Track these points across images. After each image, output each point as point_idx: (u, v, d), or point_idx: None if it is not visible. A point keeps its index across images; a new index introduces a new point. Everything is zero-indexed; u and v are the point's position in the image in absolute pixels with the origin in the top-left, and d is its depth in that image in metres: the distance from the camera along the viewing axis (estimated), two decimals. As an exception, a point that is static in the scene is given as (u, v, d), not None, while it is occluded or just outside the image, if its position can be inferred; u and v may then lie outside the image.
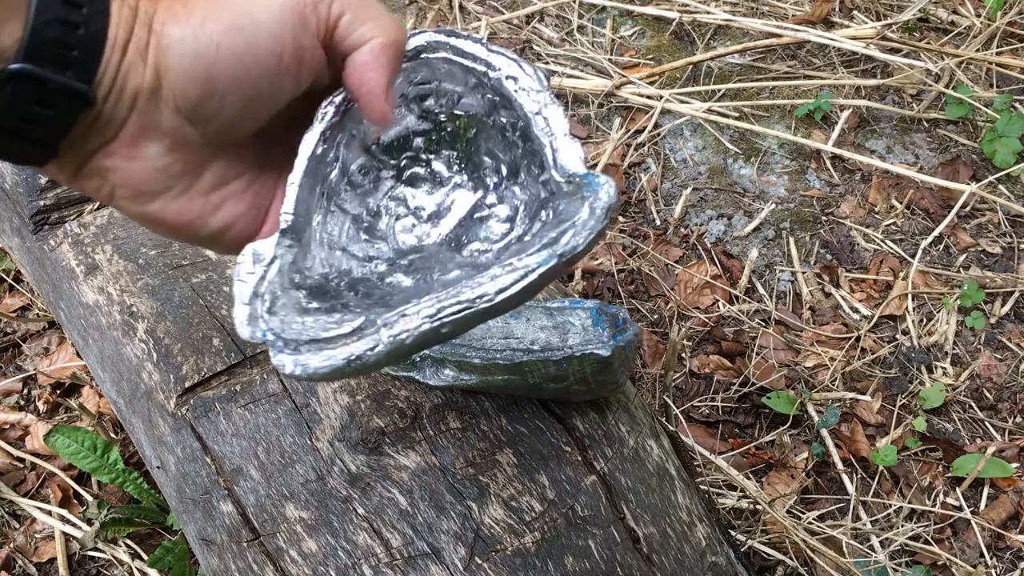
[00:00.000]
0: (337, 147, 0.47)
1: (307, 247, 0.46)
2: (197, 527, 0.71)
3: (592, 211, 0.41)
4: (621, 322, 0.69)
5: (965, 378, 1.31)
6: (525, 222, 0.47)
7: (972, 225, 1.49)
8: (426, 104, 0.48)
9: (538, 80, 0.46)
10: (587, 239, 0.41)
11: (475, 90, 0.47)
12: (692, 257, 1.45)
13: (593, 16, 1.81)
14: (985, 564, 1.14)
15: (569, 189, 0.43)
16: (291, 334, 0.41)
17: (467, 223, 0.49)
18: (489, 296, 0.40)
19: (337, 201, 0.48)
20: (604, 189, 0.42)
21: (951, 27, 1.75)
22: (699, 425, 1.26)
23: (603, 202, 0.41)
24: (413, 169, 0.50)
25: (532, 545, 0.66)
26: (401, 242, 0.49)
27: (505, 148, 0.48)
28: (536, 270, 0.40)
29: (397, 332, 0.40)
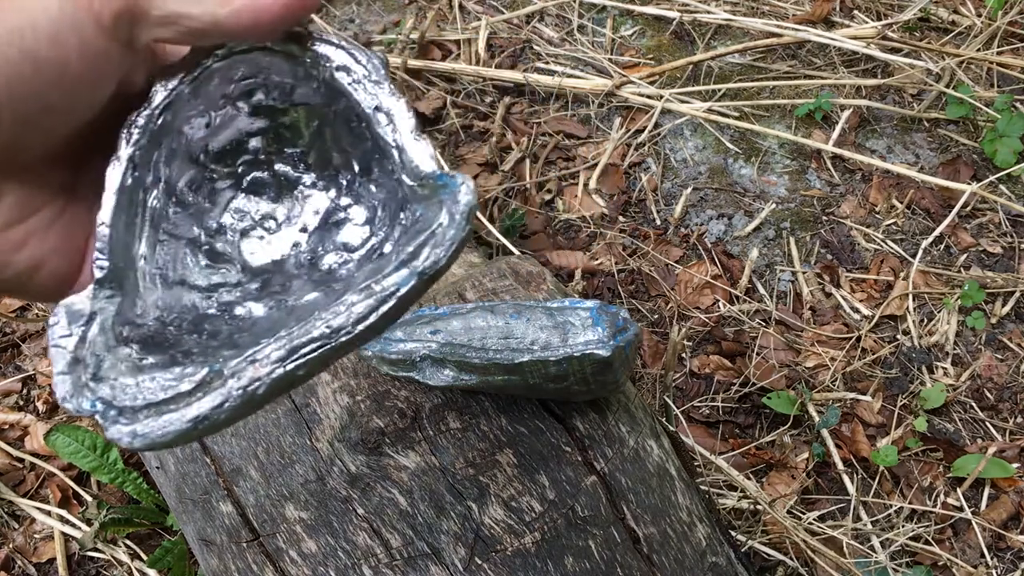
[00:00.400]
0: (155, 167, 0.41)
1: (133, 292, 0.40)
2: (197, 527, 0.71)
3: (452, 217, 0.37)
4: (621, 322, 0.69)
5: (966, 378, 1.31)
6: (385, 224, 0.42)
7: (973, 225, 1.49)
8: (255, 99, 0.42)
9: (374, 70, 0.40)
10: (449, 251, 0.36)
11: (307, 80, 0.42)
12: (692, 257, 1.45)
13: (593, 16, 1.81)
14: (986, 564, 1.14)
15: (423, 192, 0.38)
16: (124, 400, 0.36)
17: (323, 230, 0.44)
18: (347, 329, 0.35)
19: (166, 227, 0.42)
20: (462, 191, 0.37)
21: (952, 27, 1.75)
22: (699, 425, 1.26)
23: (463, 205, 0.37)
24: (253, 174, 0.44)
25: (532, 545, 0.66)
26: (250, 262, 0.43)
27: (354, 141, 0.42)
28: (396, 293, 0.36)
29: (247, 383, 0.35)
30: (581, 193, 1.53)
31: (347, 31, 1.81)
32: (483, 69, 1.67)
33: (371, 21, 1.85)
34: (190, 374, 0.36)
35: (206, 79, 0.41)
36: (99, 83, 0.36)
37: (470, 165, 1.57)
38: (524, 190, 1.53)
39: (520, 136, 1.60)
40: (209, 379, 0.35)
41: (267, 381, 0.35)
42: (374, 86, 0.40)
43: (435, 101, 1.65)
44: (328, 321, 0.36)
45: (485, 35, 1.75)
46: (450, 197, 0.37)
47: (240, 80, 0.42)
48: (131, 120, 0.40)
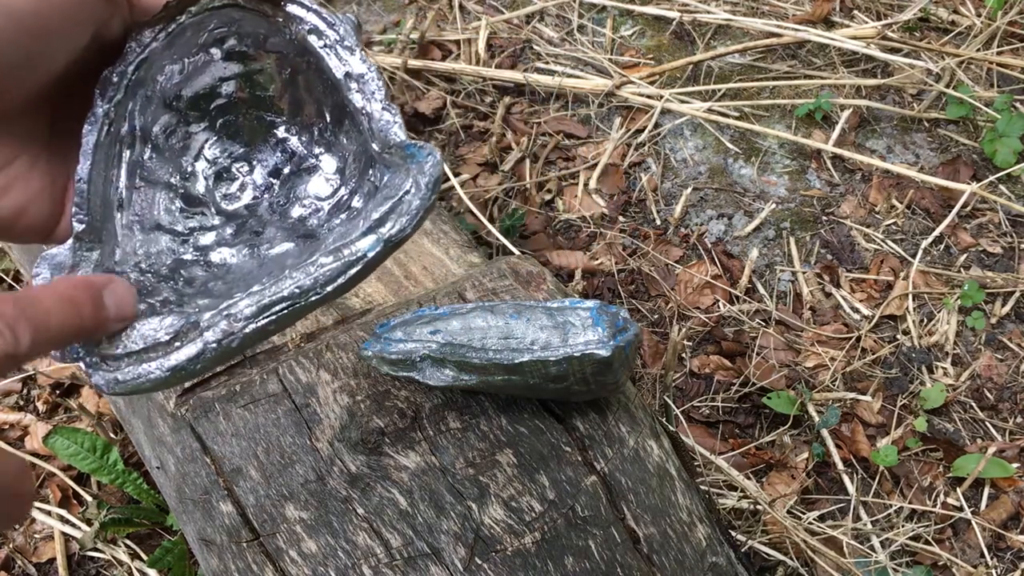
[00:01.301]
0: (129, 117, 0.41)
1: (112, 242, 0.41)
2: (197, 527, 0.71)
3: (418, 186, 0.38)
4: (621, 322, 0.69)
5: (966, 378, 1.31)
6: (355, 176, 0.43)
7: (973, 225, 1.49)
8: (228, 45, 0.43)
9: (347, 35, 0.40)
10: (414, 220, 0.38)
11: (280, 32, 0.42)
12: (692, 257, 1.45)
13: (593, 16, 1.81)
14: (986, 564, 1.14)
15: (391, 159, 0.39)
16: (107, 348, 0.37)
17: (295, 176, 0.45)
18: (316, 291, 0.37)
19: (142, 173, 0.42)
20: (429, 161, 0.38)
21: (952, 27, 1.75)
22: (699, 425, 1.26)
23: (428, 176, 0.38)
24: (226, 118, 0.44)
25: (532, 545, 0.66)
26: (225, 205, 0.44)
27: (326, 91, 0.43)
28: (363, 258, 0.37)
29: (221, 337, 0.37)
30: (581, 193, 1.53)
31: (347, 31, 1.81)
32: (483, 69, 1.67)
33: (371, 21, 1.85)
34: (167, 325, 0.37)
35: (179, 33, 0.41)
36: (76, 32, 0.36)
37: (470, 165, 1.57)
38: (524, 190, 1.53)
39: (520, 136, 1.60)
40: (185, 330, 0.37)
41: (240, 336, 0.37)
42: (346, 52, 0.40)
43: (435, 101, 1.65)
44: (299, 281, 0.37)
45: (485, 35, 1.75)
46: (417, 167, 0.38)
47: (213, 30, 0.42)
48: (106, 76, 0.40)
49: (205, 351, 0.37)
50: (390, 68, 1.66)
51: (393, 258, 0.90)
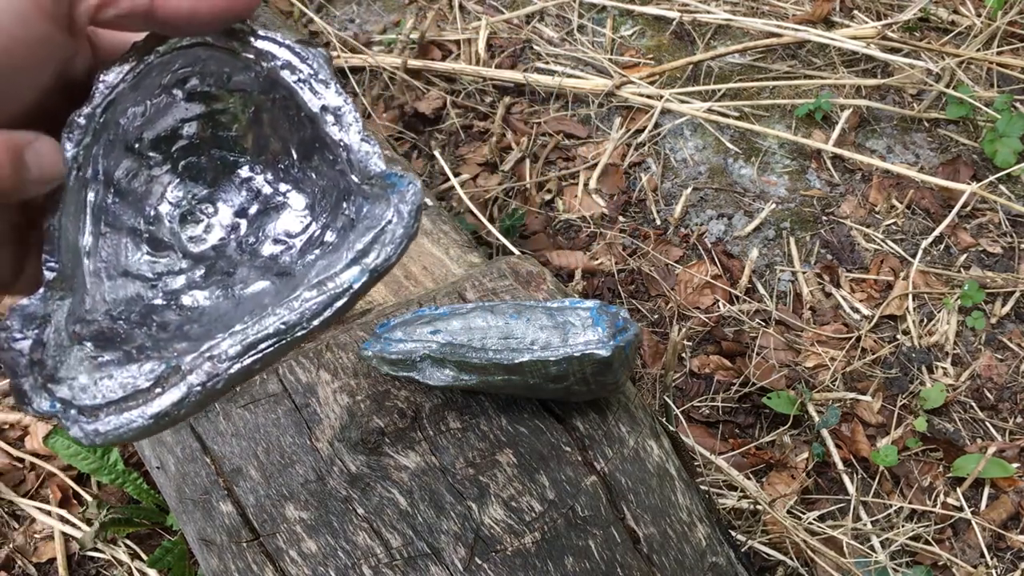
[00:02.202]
0: (94, 161, 0.41)
1: (82, 290, 0.40)
2: (197, 527, 0.71)
3: (400, 215, 0.37)
4: (621, 322, 0.69)
5: (966, 378, 1.31)
6: (326, 212, 0.42)
7: (973, 225, 1.49)
8: (190, 85, 0.42)
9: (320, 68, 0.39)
10: (399, 248, 0.37)
11: (246, 69, 0.41)
12: (692, 257, 1.45)
13: (593, 16, 1.81)
14: (986, 564, 1.14)
15: (371, 190, 0.39)
16: (84, 399, 0.36)
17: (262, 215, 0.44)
18: (303, 325, 0.37)
19: (107, 220, 0.42)
20: (410, 189, 0.38)
21: (952, 27, 1.75)
22: (699, 425, 1.26)
23: (411, 204, 0.38)
24: (189, 159, 0.44)
25: (532, 545, 0.66)
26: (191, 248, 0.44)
27: (293, 128, 0.42)
28: (349, 290, 0.37)
29: (205, 379, 0.36)
30: (581, 193, 1.53)
31: (347, 31, 1.81)
32: (483, 69, 1.67)
33: (371, 21, 1.85)
34: (147, 371, 0.36)
35: (146, 74, 0.40)
36: (36, 72, 0.35)
37: (470, 165, 1.57)
38: (524, 190, 1.53)
39: (520, 136, 1.60)
40: (166, 375, 0.36)
41: (225, 376, 0.36)
42: (321, 85, 0.39)
43: (435, 101, 1.65)
44: (284, 317, 0.37)
45: (485, 35, 1.75)
46: (398, 196, 0.38)
47: (177, 70, 0.41)
48: (73, 119, 0.39)
49: (190, 395, 0.36)
50: (390, 68, 1.66)
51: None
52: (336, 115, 0.39)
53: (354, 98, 1.61)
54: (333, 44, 1.71)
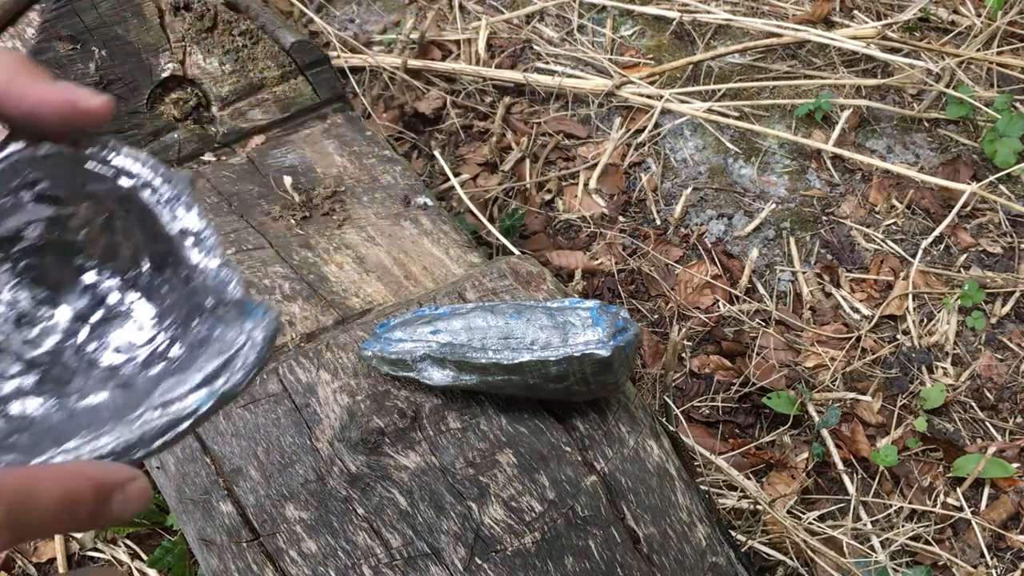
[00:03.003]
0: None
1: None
2: (197, 527, 0.71)
3: (253, 342, 0.37)
4: (621, 322, 0.69)
5: (966, 378, 1.31)
6: (175, 325, 0.40)
7: (973, 225, 1.49)
8: (40, 187, 0.40)
9: (183, 191, 0.39)
10: (249, 375, 0.37)
11: (102, 182, 0.40)
12: (692, 257, 1.45)
13: (593, 16, 1.81)
14: (986, 564, 1.14)
15: (226, 314, 0.38)
16: None
17: (105, 324, 0.42)
18: (144, 447, 0.35)
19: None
20: (266, 319, 0.37)
21: (952, 27, 1.75)
22: (699, 425, 1.26)
23: (265, 332, 0.37)
24: (31, 260, 0.42)
25: (532, 545, 0.66)
26: (25, 352, 0.41)
27: (147, 240, 0.41)
28: (195, 412, 0.36)
29: None
30: (581, 193, 1.53)
31: (347, 31, 1.81)
32: (483, 69, 1.67)
33: (371, 21, 1.85)
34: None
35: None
36: None
37: (470, 165, 1.57)
38: (524, 190, 1.53)
39: (520, 136, 1.60)
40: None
41: None
42: (182, 208, 0.39)
43: (435, 101, 1.65)
44: (122, 437, 0.35)
45: (485, 35, 1.75)
46: (253, 323, 0.37)
47: (28, 173, 0.40)
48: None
49: None
50: (390, 68, 1.66)
51: (393, 258, 0.90)
52: (197, 239, 0.39)
53: (354, 98, 1.61)
54: (333, 44, 1.71)
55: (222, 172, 1.00)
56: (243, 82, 1.06)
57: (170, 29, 1.04)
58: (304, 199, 0.96)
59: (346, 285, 0.86)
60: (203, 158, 1.03)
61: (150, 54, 1.02)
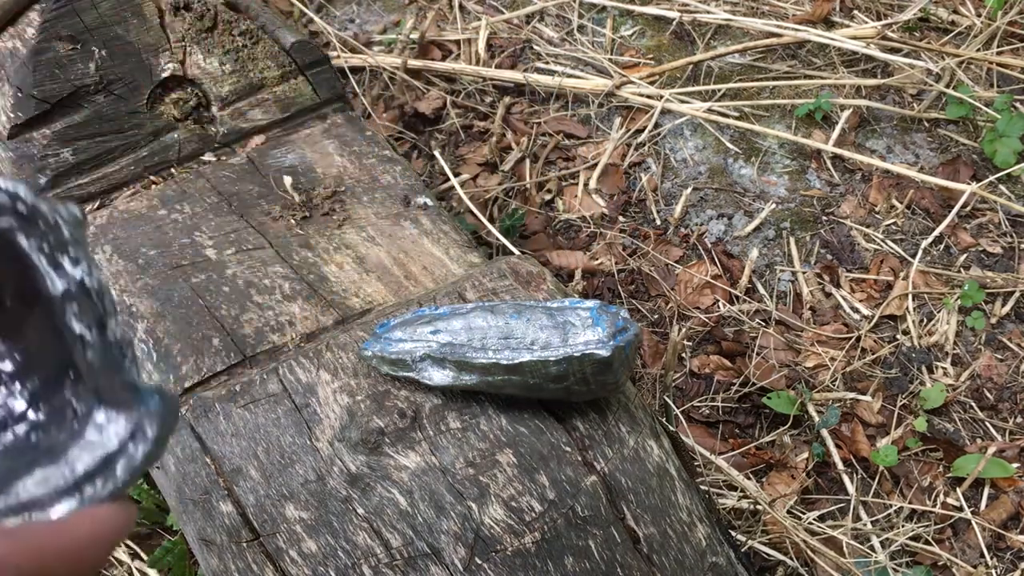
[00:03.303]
0: None
1: None
2: (197, 527, 0.71)
3: (143, 439, 0.30)
4: (621, 322, 0.69)
5: (966, 378, 1.31)
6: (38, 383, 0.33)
7: (973, 225, 1.49)
8: None
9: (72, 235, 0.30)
10: (129, 480, 0.30)
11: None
12: (692, 257, 1.45)
13: (593, 16, 1.81)
14: (985, 564, 1.14)
15: (111, 397, 0.31)
16: None
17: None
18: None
19: None
20: (162, 411, 0.30)
21: (951, 27, 1.75)
22: (699, 425, 1.26)
23: (157, 431, 0.30)
24: None
25: (532, 545, 0.66)
26: None
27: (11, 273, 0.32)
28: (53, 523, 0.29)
29: None
30: (581, 193, 1.53)
31: (347, 31, 1.81)
32: (483, 69, 1.67)
33: (371, 21, 1.85)
34: None
35: None
36: None
37: (470, 165, 1.57)
38: (524, 190, 1.53)
39: (520, 136, 1.60)
40: None
41: None
42: (69, 262, 0.30)
43: (435, 101, 1.65)
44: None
45: (485, 35, 1.75)
46: (147, 414, 0.30)
47: None
48: None
49: None
50: (390, 68, 1.66)
51: (393, 258, 0.90)
52: (95, 299, 0.30)
53: (354, 98, 1.61)
54: (333, 44, 1.71)
55: (222, 172, 1.00)
56: (243, 82, 1.06)
57: (170, 29, 1.04)
58: (304, 199, 0.96)
59: (346, 285, 0.86)
60: (203, 158, 1.03)
61: (150, 54, 1.02)
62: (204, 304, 0.82)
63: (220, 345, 0.78)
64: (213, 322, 0.80)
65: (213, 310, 0.81)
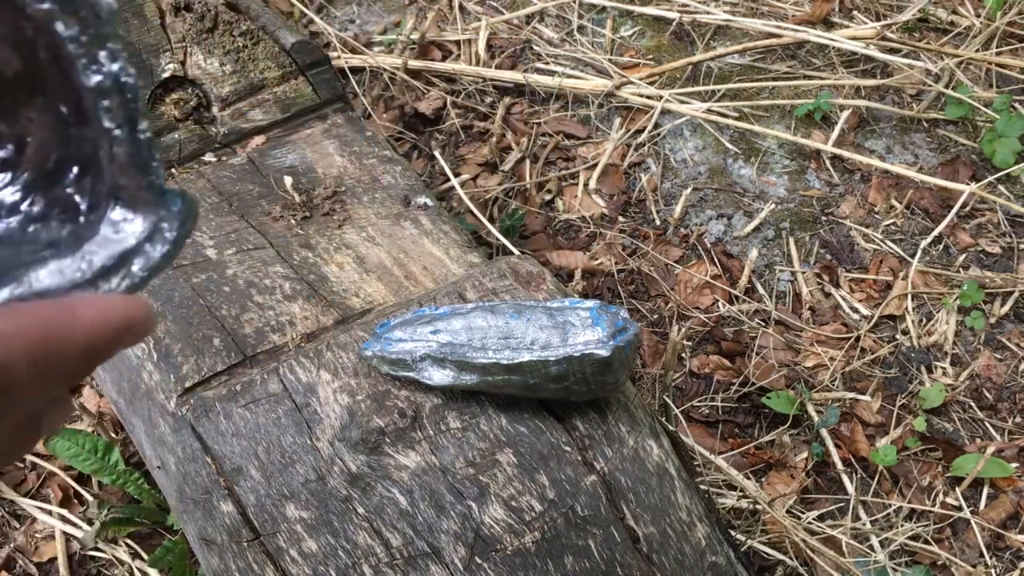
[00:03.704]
0: None
1: None
2: (197, 527, 0.71)
3: (162, 238, 0.30)
4: (621, 322, 0.69)
5: (965, 378, 1.31)
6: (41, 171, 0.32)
7: (972, 225, 1.49)
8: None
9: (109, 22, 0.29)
10: (147, 277, 0.30)
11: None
12: (692, 257, 1.45)
13: (593, 16, 1.81)
14: (985, 564, 1.14)
15: (133, 195, 0.30)
16: None
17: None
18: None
19: None
20: (184, 213, 0.30)
21: (951, 27, 1.75)
22: (699, 425, 1.26)
23: (177, 232, 0.30)
24: None
25: (532, 545, 0.66)
26: None
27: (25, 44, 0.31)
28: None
29: None
30: (581, 193, 1.53)
31: (347, 32, 1.81)
32: (483, 69, 1.68)
33: (371, 21, 1.86)
34: None
35: None
36: None
37: (470, 165, 1.57)
38: (524, 190, 1.53)
39: (520, 136, 1.60)
40: None
41: None
42: (105, 54, 0.29)
43: (435, 101, 1.65)
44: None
45: (485, 36, 1.75)
46: (168, 214, 0.30)
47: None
48: None
49: None
50: (390, 68, 1.66)
51: (393, 258, 0.90)
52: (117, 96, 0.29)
53: (354, 98, 1.61)
54: (333, 44, 1.71)
55: (223, 172, 1.00)
56: (244, 82, 1.06)
57: (171, 30, 1.04)
58: (304, 199, 0.96)
59: (346, 285, 0.86)
60: (204, 158, 1.04)
61: (151, 54, 1.02)
62: (205, 304, 0.82)
63: (221, 345, 0.79)
64: (214, 322, 0.81)
65: (214, 310, 0.82)
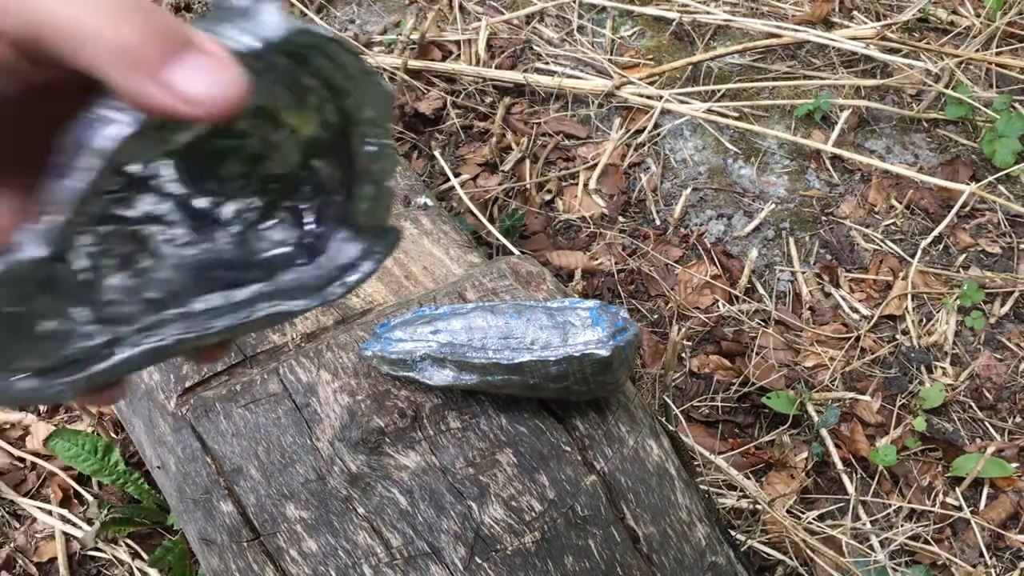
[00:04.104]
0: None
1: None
2: (197, 527, 0.71)
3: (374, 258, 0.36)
4: (621, 322, 0.69)
5: (965, 378, 1.31)
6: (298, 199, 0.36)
7: (972, 225, 1.49)
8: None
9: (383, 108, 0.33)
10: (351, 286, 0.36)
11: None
12: (692, 257, 1.45)
13: (593, 16, 1.81)
14: (985, 564, 1.14)
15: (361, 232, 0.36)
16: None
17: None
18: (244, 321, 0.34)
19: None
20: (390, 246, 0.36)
21: (951, 27, 1.75)
22: (699, 425, 1.26)
23: (380, 258, 0.36)
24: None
25: (532, 545, 0.66)
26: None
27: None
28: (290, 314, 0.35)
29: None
30: (581, 193, 1.53)
31: (347, 32, 1.81)
32: (483, 69, 1.68)
33: (371, 21, 1.86)
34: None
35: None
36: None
37: (470, 165, 1.57)
38: (524, 190, 1.53)
39: (520, 136, 1.60)
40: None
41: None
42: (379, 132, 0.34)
43: (435, 101, 1.65)
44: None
45: (485, 36, 1.75)
46: (381, 245, 0.36)
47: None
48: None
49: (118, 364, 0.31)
50: (390, 69, 1.66)
51: (393, 258, 0.90)
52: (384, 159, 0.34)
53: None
54: (333, 44, 1.71)
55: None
56: (243, 83, 1.06)
57: (171, 30, 1.04)
58: (304, 199, 0.96)
59: (346, 285, 0.86)
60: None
61: (151, 55, 1.02)
62: (205, 304, 0.82)
63: (221, 345, 0.79)
64: (214, 322, 0.80)
65: (214, 310, 0.82)
